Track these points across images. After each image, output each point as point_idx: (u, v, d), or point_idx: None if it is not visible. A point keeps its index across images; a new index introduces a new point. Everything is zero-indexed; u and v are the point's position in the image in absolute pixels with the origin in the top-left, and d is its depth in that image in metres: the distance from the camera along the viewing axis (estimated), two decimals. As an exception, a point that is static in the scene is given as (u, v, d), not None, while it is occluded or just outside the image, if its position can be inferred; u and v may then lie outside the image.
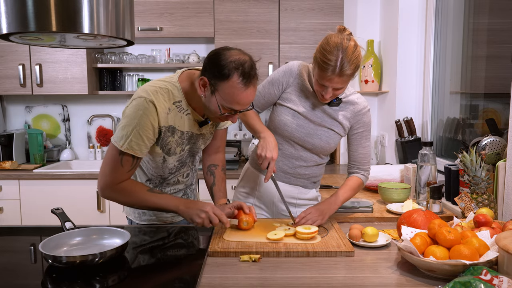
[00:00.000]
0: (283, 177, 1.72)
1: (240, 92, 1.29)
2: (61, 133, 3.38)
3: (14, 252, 1.35)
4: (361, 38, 3.20)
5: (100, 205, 2.82)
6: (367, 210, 1.71)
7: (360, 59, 1.49)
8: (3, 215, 2.82)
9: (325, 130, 1.63)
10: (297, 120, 1.63)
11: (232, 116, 1.38)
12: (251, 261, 1.22)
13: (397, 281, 1.10)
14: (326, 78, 1.45)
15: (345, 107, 1.63)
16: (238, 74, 1.27)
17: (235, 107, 1.33)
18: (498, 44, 2.07)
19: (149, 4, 2.90)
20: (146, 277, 1.12)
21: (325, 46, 1.46)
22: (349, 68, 1.43)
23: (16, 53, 2.96)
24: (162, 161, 1.48)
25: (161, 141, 1.41)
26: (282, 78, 1.64)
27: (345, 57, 1.42)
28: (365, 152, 1.68)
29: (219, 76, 1.29)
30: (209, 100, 1.34)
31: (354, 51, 1.46)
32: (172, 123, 1.40)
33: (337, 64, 1.42)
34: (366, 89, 3.09)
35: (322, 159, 1.72)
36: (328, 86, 1.48)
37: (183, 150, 1.49)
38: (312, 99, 1.62)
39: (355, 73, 1.49)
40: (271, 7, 2.91)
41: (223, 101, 1.31)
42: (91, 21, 1.05)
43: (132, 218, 1.65)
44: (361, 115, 1.64)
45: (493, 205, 1.51)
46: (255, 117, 1.64)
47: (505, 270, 1.02)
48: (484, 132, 1.96)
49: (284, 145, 1.68)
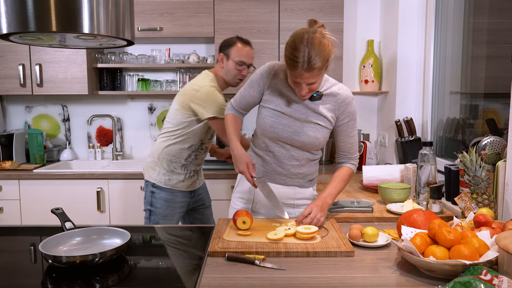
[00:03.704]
0: (278, 179, 1.72)
1: (242, 48, 2.09)
2: (61, 133, 3.38)
3: (14, 252, 1.35)
4: (361, 38, 3.21)
5: (100, 205, 2.82)
6: (367, 210, 1.71)
7: (330, 50, 1.47)
8: (3, 215, 2.82)
9: (312, 125, 1.62)
10: (282, 120, 1.63)
11: (245, 69, 2.10)
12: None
13: (397, 281, 1.10)
14: (297, 74, 1.45)
15: (328, 99, 1.63)
16: (237, 39, 2.11)
17: (243, 59, 2.07)
18: (498, 44, 2.07)
19: (149, 4, 2.90)
20: (146, 277, 1.12)
21: (290, 43, 1.46)
22: (317, 61, 1.42)
23: (16, 53, 2.96)
24: (206, 130, 2.10)
25: None
26: (260, 79, 1.67)
27: (311, 51, 1.41)
28: (352, 142, 1.69)
29: (228, 46, 2.10)
30: (227, 65, 2.09)
31: (321, 43, 1.43)
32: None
33: (304, 59, 1.41)
34: (366, 89, 3.09)
35: (314, 155, 1.72)
36: (301, 82, 1.48)
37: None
38: (293, 97, 1.63)
39: (326, 65, 1.48)
40: (271, 7, 2.91)
41: (235, 58, 2.07)
42: (91, 21, 1.05)
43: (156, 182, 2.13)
44: (345, 105, 1.63)
45: (493, 205, 1.51)
46: (232, 125, 1.70)
47: (505, 270, 1.02)
48: (484, 132, 1.96)
49: (274, 147, 1.68)
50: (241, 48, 2.07)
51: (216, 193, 2.78)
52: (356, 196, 2.05)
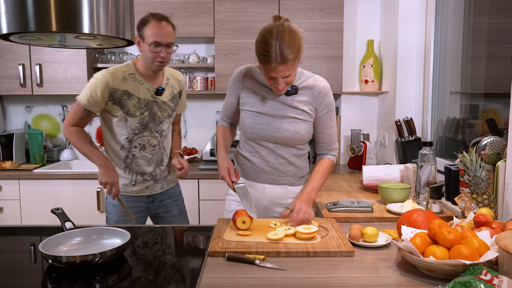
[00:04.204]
0: (268, 178, 1.72)
1: (156, 26, 1.76)
2: (61, 133, 3.38)
3: (14, 252, 1.35)
4: (361, 38, 3.20)
5: (100, 205, 2.82)
6: (367, 210, 1.71)
7: (300, 41, 1.49)
8: (3, 215, 2.82)
9: (290, 120, 1.63)
10: (260, 119, 1.64)
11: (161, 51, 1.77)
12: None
13: (397, 281, 1.10)
14: (271, 69, 1.46)
15: (304, 92, 1.64)
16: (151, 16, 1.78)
17: (158, 39, 1.75)
18: (498, 44, 2.07)
19: (149, 4, 2.90)
20: (146, 277, 1.12)
21: (261, 39, 1.47)
22: (290, 52, 1.44)
23: (16, 53, 2.96)
24: (124, 120, 1.84)
25: (119, 102, 1.81)
26: (233, 85, 1.71)
27: (282, 44, 1.43)
28: (331, 133, 1.71)
29: (142, 25, 1.78)
30: (144, 48, 1.79)
31: (290, 35, 1.45)
32: (126, 88, 1.82)
33: (277, 52, 1.43)
34: (366, 89, 3.09)
35: (300, 150, 1.72)
36: (276, 76, 1.49)
37: (142, 114, 1.86)
38: (268, 95, 1.64)
39: (299, 56, 1.49)
40: (271, 7, 2.91)
41: (149, 39, 1.75)
42: (91, 21, 1.05)
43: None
44: (322, 96, 1.64)
45: (493, 205, 1.51)
46: (221, 135, 1.76)
47: (505, 270, 1.02)
48: (484, 132, 1.96)
49: (258, 147, 1.70)
50: (154, 26, 1.76)
51: (215, 193, 2.78)
52: (356, 196, 2.05)
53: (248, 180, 1.74)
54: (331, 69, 2.96)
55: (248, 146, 1.73)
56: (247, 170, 1.74)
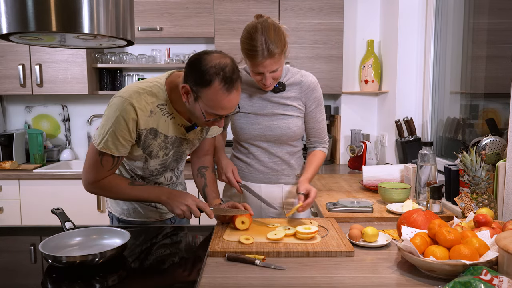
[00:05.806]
0: (264, 178, 1.73)
1: (223, 97, 1.26)
2: (61, 133, 3.38)
3: (14, 252, 1.35)
4: (361, 38, 3.20)
5: (100, 205, 2.82)
6: (367, 210, 1.71)
7: (285, 35, 1.52)
8: (3, 215, 2.82)
9: (280, 117, 1.65)
10: (250, 119, 1.66)
11: (218, 122, 1.36)
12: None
13: (397, 281, 1.10)
14: (258, 64, 1.48)
15: (291, 88, 1.66)
16: (220, 79, 1.24)
17: (220, 113, 1.31)
18: (498, 44, 2.07)
19: (149, 4, 2.90)
20: (146, 277, 1.12)
21: (246, 35, 1.50)
22: (276, 46, 1.46)
23: (16, 53, 2.96)
24: (143, 161, 1.46)
25: (143, 143, 1.39)
26: None
27: (268, 38, 1.45)
28: (321, 127, 1.74)
29: (201, 83, 1.25)
30: (193, 107, 1.31)
31: (274, 30, 1.48)
32: (154, 125, 1.38)
33: (263, 46, 1.45)
34: (366, 89, 3.09)
35: (294, 147, 1.74)
36: (264, 71, 1.50)
37: (167, 155, 1.47)
38: (254, 95, 1.66)
39: (285, 49, 1.52)
40: (271, 7, 2.91)
41: (207, 107, 1.29)
42: (91, 21, 1.05)
43: (118, 215, 1.62)
44: (311, 91, 1.66)
45: (493, 205, 1.51)
46: (217, 142, 1.72)
47: (505, 270, 1.02)
48: (484, 132, 1.95)
49: (251, 148, 1.71)
50: (221, 96, 1.26)
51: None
52: (356, 196, 2.05)
53: (244, 180, 1.75)
54: (331, 69, 2.96)
55: (241, 147, 1.75)
56: (242, 171, 1.76)
